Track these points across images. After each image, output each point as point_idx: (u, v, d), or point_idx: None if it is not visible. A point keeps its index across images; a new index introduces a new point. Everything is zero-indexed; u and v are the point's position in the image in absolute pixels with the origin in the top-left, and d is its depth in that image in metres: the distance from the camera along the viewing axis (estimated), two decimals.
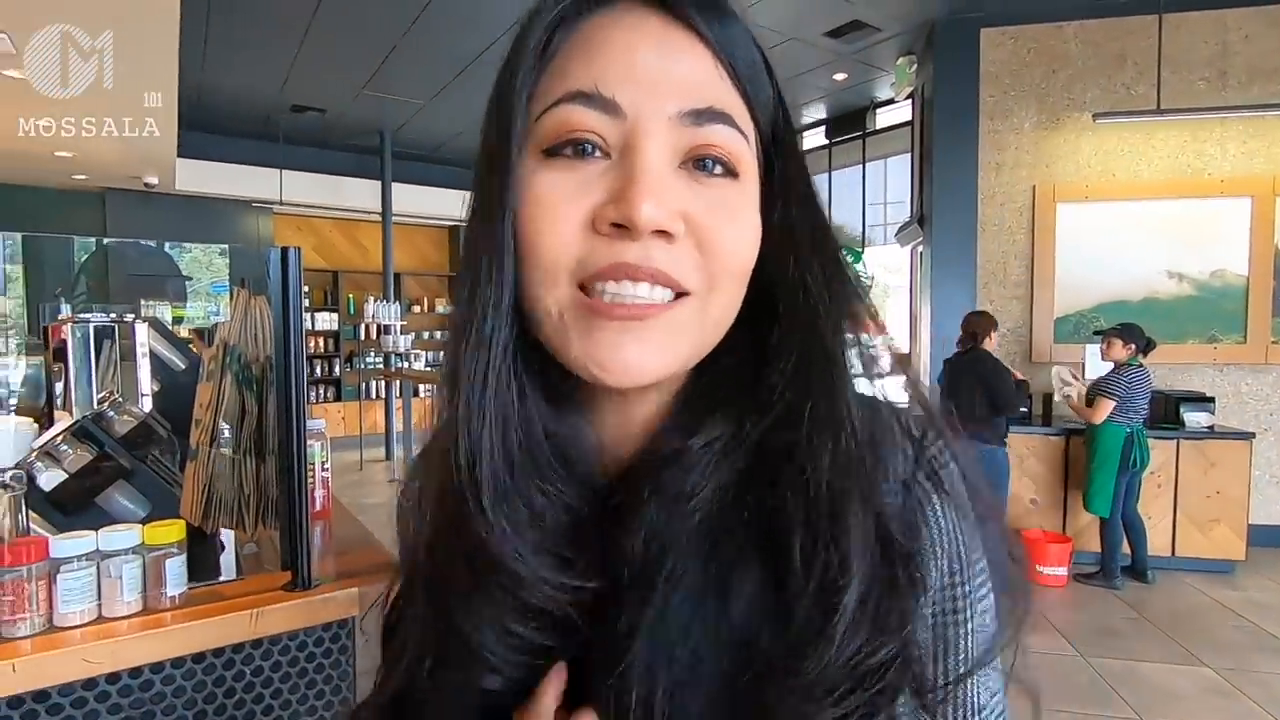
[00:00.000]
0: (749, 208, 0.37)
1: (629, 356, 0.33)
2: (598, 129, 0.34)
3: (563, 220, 0.34)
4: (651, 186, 0.33)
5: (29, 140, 5.25)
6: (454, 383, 0.37)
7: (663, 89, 0.34)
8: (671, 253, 0.34)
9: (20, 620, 0.81)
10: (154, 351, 1.58)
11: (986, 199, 4.78)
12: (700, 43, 0.35)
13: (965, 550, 0.36)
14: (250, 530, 1.04)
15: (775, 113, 0.38)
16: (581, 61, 0.35)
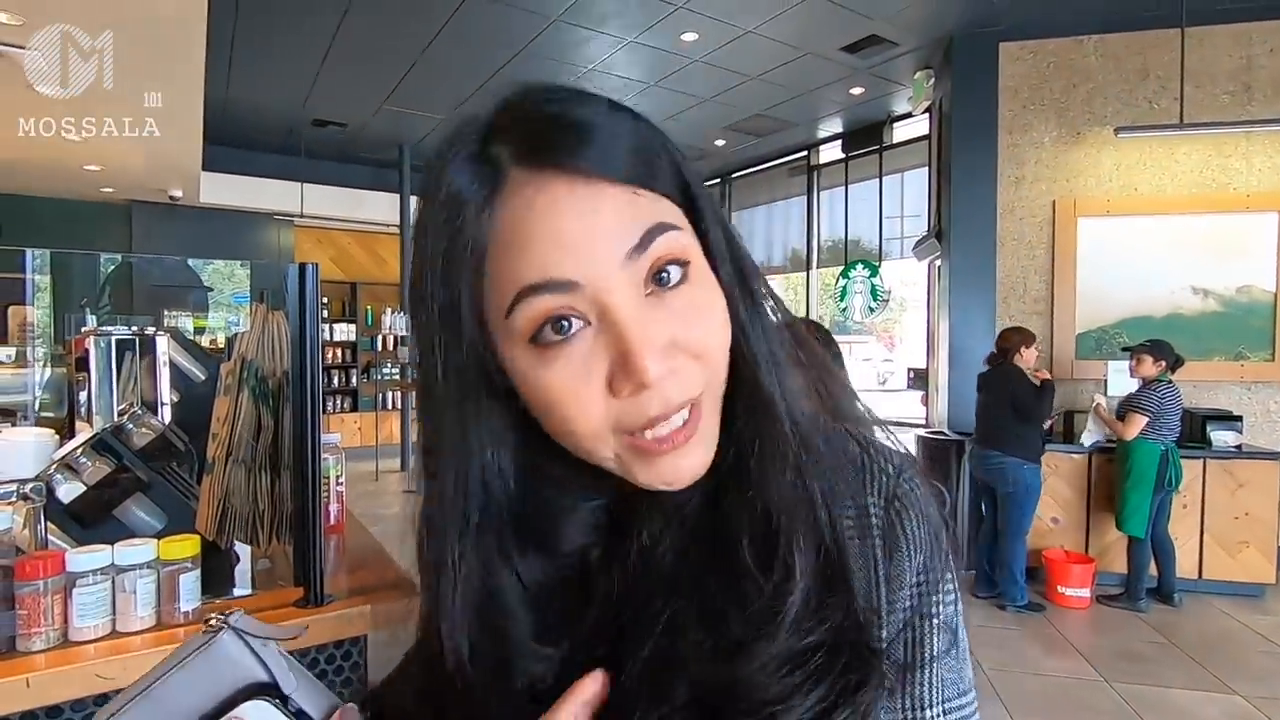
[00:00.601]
0: (709, 288, 0.39)
1: (688, 468, 0.38)
2: (567, 305, 0.36)
3: (590, 401, 0.37)
4: (643, 346, 0.35)
5: (59, 154, 5.39)
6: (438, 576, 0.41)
7: (600, 246, 0.36)
8: (679, 379, 0.37)
9: (35, 635, 0.81)
10: (174, 362, 1.60)
11: (1005, 213, 4.73)
12: (601, 181, 0.36)
13: (935, 559, 0.41)
14: (264, 545, 1.04)
15: (680, 177, 0.40)
16: (517, 257, 0.36)
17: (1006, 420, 3.74)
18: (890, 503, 0.42)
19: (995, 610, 3.83)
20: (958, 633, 0.42)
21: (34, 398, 2.24)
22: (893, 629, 0.40)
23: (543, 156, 0.36)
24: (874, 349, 21.78)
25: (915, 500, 0.42)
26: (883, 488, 0.43)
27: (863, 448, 0.44)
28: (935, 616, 0.41)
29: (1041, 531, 4.14)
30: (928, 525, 0.42)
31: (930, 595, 0.41)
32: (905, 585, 0.41)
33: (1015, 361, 3.80)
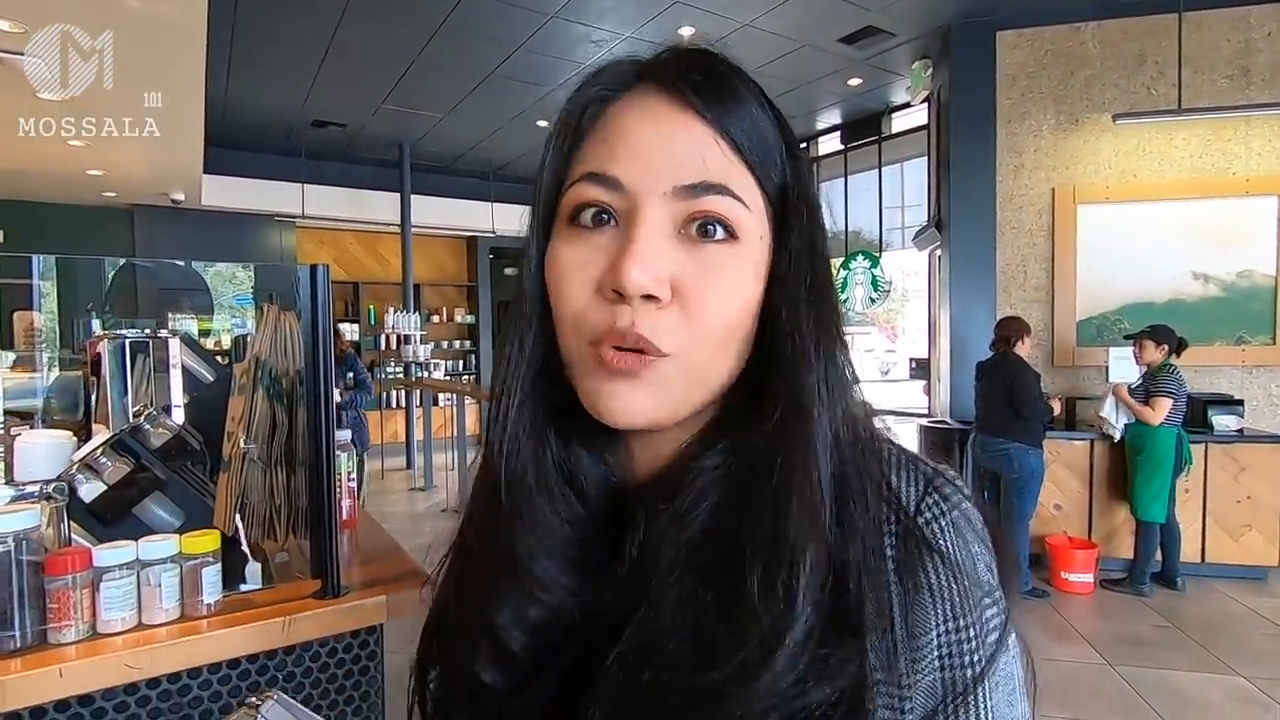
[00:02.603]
0: (743, 270, 0.39)
1: (623, 404, 0.38)
2: (607, 201, 0.39)
3: (576, 286, 0.39)
4: (640, 254, 0.37)
5: (62, 160, 5.41)
6: (495, 406, 0.43)
7: (657, 166, 0.38)
8: (655, 319, 0.37)
9: (66, 627, 0.84)
10: (184, 364, 1.62)
11: (1005, 202, 4.74)
12: (698, 120, 0.39)
13: (967, 604, 0.37)
14: (281, 540, 1.07)
15: (785, 174, 0.41)
16: (597, 145, 0.40)
17: (1007, 407, 3.76)
18: (908, 538, 0.38)
19: None
20: (1011, 668, 0.37)
21: (43, 401, 2.27)
22: (920, 685, 0.36)
23: (664, 79, 0.40)
24: (877, 340, 21.76)
25: (941, 533, 0.38)
26: (902, 518, 0.38)
27: (890, 466, 0.40)
28: (971, 666, 0.36)
29: (1044, 518, 4.16)
30: (958, 560, 0.37)
31: (963, 645, 0.36)
32: (929, 635, 0.36)
33: (1016, 350, 3.82)
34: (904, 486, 0.39)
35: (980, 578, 0.37)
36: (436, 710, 0.46)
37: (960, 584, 0.37)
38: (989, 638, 0.37)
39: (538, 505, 0.41)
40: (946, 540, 0.37)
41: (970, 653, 0.36)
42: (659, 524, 0.38)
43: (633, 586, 0.38)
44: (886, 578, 0.37)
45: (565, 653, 0.40)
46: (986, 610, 0.37)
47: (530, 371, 0.43)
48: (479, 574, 0.43)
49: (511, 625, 0.41)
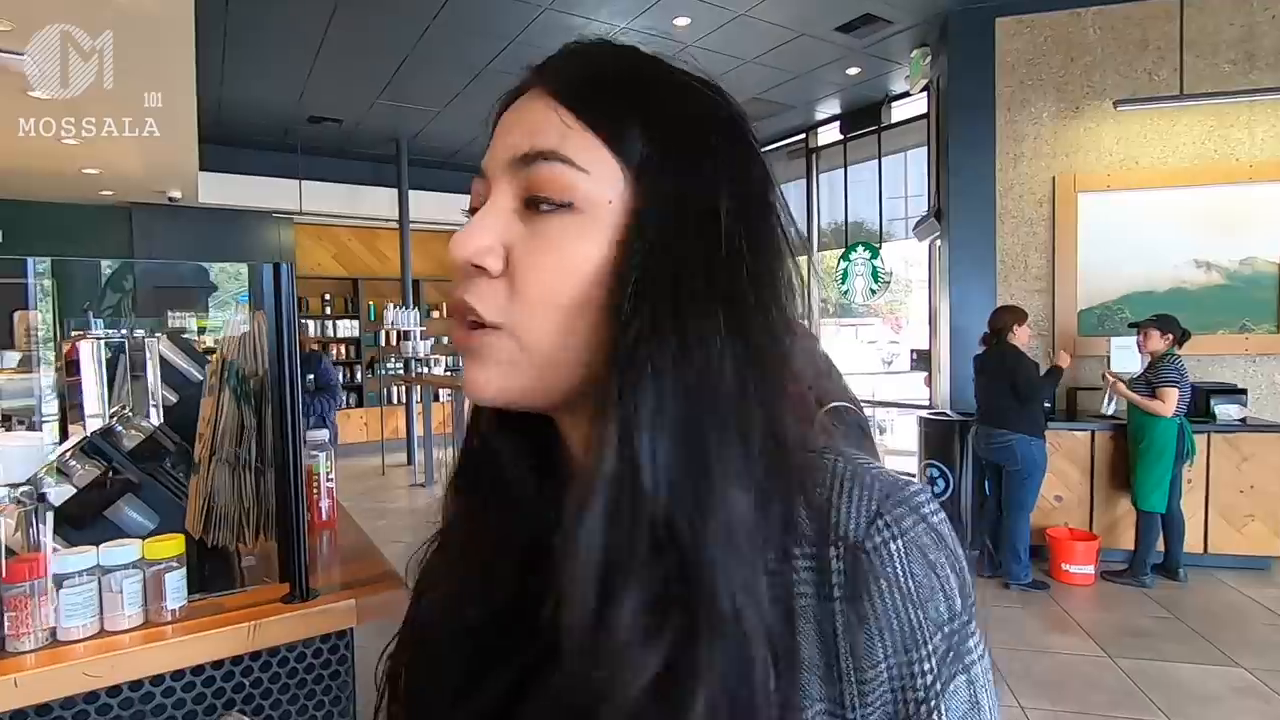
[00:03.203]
0: (581, 239, 0.36)
1: (469, 378, 0.39)
2: (480, 190, 0.40)
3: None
4: (467, 228, 0.38)
5: (58, 159, 5.41)
6: None
7: (503, 147, 0.39)
8: (482, 289, 0.38)
9: (24, 635, 0.83)
10: (173, 364, 1.61)
11: (1005, 191, 4.69)
12: (543, 96, 0.39)
13: (920, 633, 0.34)
14: (251, 543, 1.05)
15: (656, 134, 0.37)
16: None
17: (1007, 399, 3.74)
18: (855, 567, 0.34)
19: (999, 589, 3.83)
20: (978, 698, 0.35)
21: (39, 401, 2.27)
22: (868, 716, 0.34)
23: (539, 70, 0.41)
24: (880, 331, 21.77)
25: (892, 556, 0.34)
26: (849, 536, 0.34)
27: (843, 480, 0.36)
28: (933, 699, 0.33)
29: (1045, 510, 4.13)
30: (907, 590, 0.34)
31: (923, 689, 0.33)
32: (878, 669, 0.33)
33: (1009, 340, 3.79)
34: (855, 507, 0.35)
35: (939, 604, 0.34)
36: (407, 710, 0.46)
37: (913, 613, 0.33)
38: (951, 667, 0.34)
39: (499, 500, 0.43)
40: (897, 566, 0.34)
41: (926, 687, 0.33)
42: (569, 540, 0.35)
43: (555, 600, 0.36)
44: (832, 605, 0.34)
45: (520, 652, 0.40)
46: (951, 638, 0.34)
47: None
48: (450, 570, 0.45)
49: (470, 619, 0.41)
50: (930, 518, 0.35)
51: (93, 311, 3.82)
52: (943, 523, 0.36)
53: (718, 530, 0.32)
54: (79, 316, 3.94)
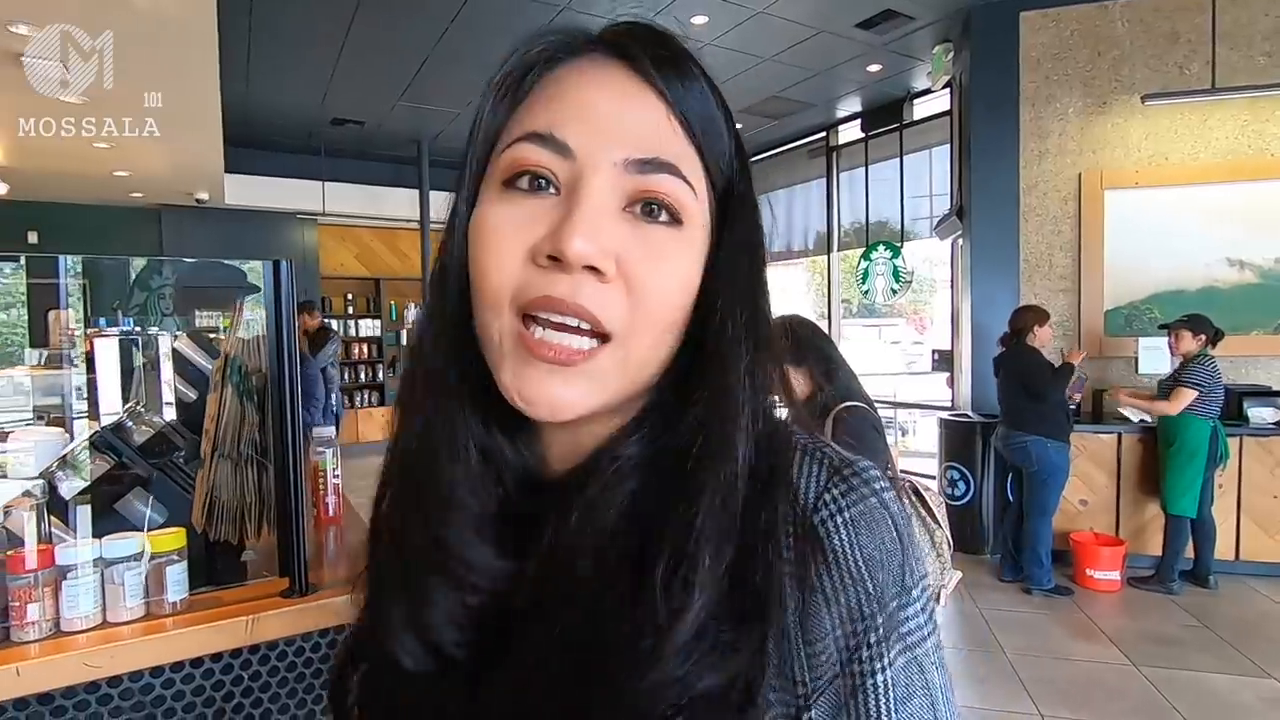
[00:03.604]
0: (686, 255, 0.38)
1: (553, 396, 0.36)
2: (550, 166, 0.36)
3: (507, 251, 0.36)
4: (586, 223, 0.34)
5: (89, 162, 5.55)
6: (409, 389, 0.41)
7: (612, 136, 0.36)
8: (600, 292, 0.35)
9: (28, 625, 0.85)
10: (193, 362, 1.64)
11: (1029, 188, 4.60)
12: (655, 96, 0.37)
13: (867, 605, 0.34)
14: (253, 537, 1.06)
15: (732, 167, 0.40)
16: (544, 105, 0.38)
17: (1024, 400, 3.67)
18: (803, 537, 0.35)
19: (1021, 594, 3.76)
20: (925, 671, 0.35)
21: (67, 398, 2.31)
22: (822, 690, 0.34)
23: (621, 47, 0.38)
24: (903, 331, 21.50)
25: (839, 529, 0.35)
26: (798, 512, 0.36)
27: (800, 454, 0.38)
28: (877, 674, 0.34)
29: (1069, 514, 4.04)
30: (854, 561, 0.34)
31: (867, 656, 0.34)
32: (825, 640, 0.34)
33: (1029, 341, 3.72)
34: (806, 480, 0.37)
35: (885, 579, 0.35)
36: (360, 708, 0.44)
37: (859, 586, 0.34)
38: (908, 637, 0.35)
39: (457, 490, 0.39)
40: (842, 538, 0.35)
41: (870, 659, 0.34)
42: (574, 516, 0.37)
43: (546, 577, 0.37)
44: (782, 579, 0.35)
45: (483, 640, 0.39)
46: (904, 606, 0.35)
47: (449, 349, 0.40)
48: (402, 562, 0.41)
49: (435, 609, 0.39)
50: (880, 493, 0.36)
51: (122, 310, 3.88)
52: (892, 500, 0.37)
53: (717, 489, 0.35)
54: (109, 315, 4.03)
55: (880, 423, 1.78)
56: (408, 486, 0.41)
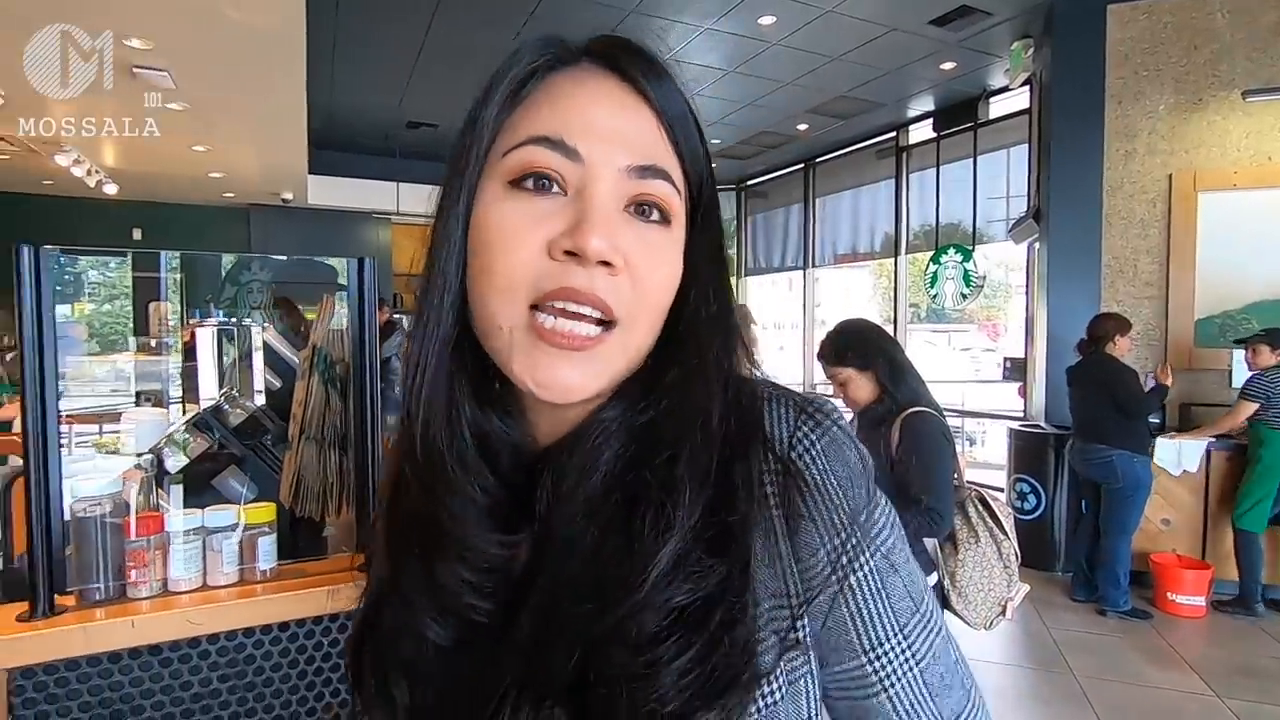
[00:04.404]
0: (674, 251, 0.42)
1: (565, 379, 0.39)
2: (559, 169, 0.40)
3: (524, 245, 0.39)
4: (601, 223, 0.38)
5: (189, 165, 5.96)
6: (411, 376, 0.43)
7: (615, 144, 0.40)
8: (611, 283, 0.39)
9: (141, 584, 0.94)
10: (278, 352, 1.76)
11: (1114, 190, 4.38)
12: (646, 106, 0.42)
13: (847, 521, 0.40)
14: (334, 515, 1.14)
15: (703, 168, 0.44)
16: (548, 110, 0.41)
17: (1107, 412, 3.50)
18: (785, 470, 0.41)
19: (1094, 615, 3.58)
20: (895, 564, 0.42)
21: (166, 382, 2.51)
22: (818, 598, 0.40)
23: (614, 60, 0.42)
24: (974, 338, 20.65)
25: (814, 460, 0.41)
26: (777, 452, 0.41)
27: (767, 403, 0.43)
28: (857, 570, 0.40)
29: (1151, 534, 3.83)
30: (831, 485, 0.40)
31: (847, 560, 0.40)
32: (816, 555, 0.40)
33: (1108, 350, 3.54)
34: (777, 424, 0.42)
35: (857, 491, 0.41)
36: (376, 681, 0.46)
37: (838, 503, 0.40)
38: (877, 539, 0.41)
39: (454, 474, 0.42)
40: (819, 466, 0.41)
41: (858, 556, 0.40)
42: (566, 478, 0.40)
43: (544, 539, 0.41)
44: (769, 511, 0.41)
45: (497, 607, 0.42)
46: (872, 515, 0.41)
47: (446, 337, 0.43)
48: (410, 546, 0.44)
49: (448, 580, 0.42)
50: (838, 423, 0.42)
51: (214, 303, 4.17)
52: (846, 425, 0.43)
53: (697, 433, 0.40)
54: (202, 307, 4.32)
55: (949, 429, 1.75)
56: (413, 469, 0.44)
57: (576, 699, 0.37)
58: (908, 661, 0.41)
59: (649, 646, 0.36)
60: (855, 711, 0.42)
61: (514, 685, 0.39)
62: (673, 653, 0.36)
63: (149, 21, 3.18)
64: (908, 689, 0.42)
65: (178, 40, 3.40)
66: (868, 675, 0.41)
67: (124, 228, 7.27)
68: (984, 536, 1.64)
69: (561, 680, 0.38)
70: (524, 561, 0.42)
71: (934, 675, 0.42)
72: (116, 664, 0.88)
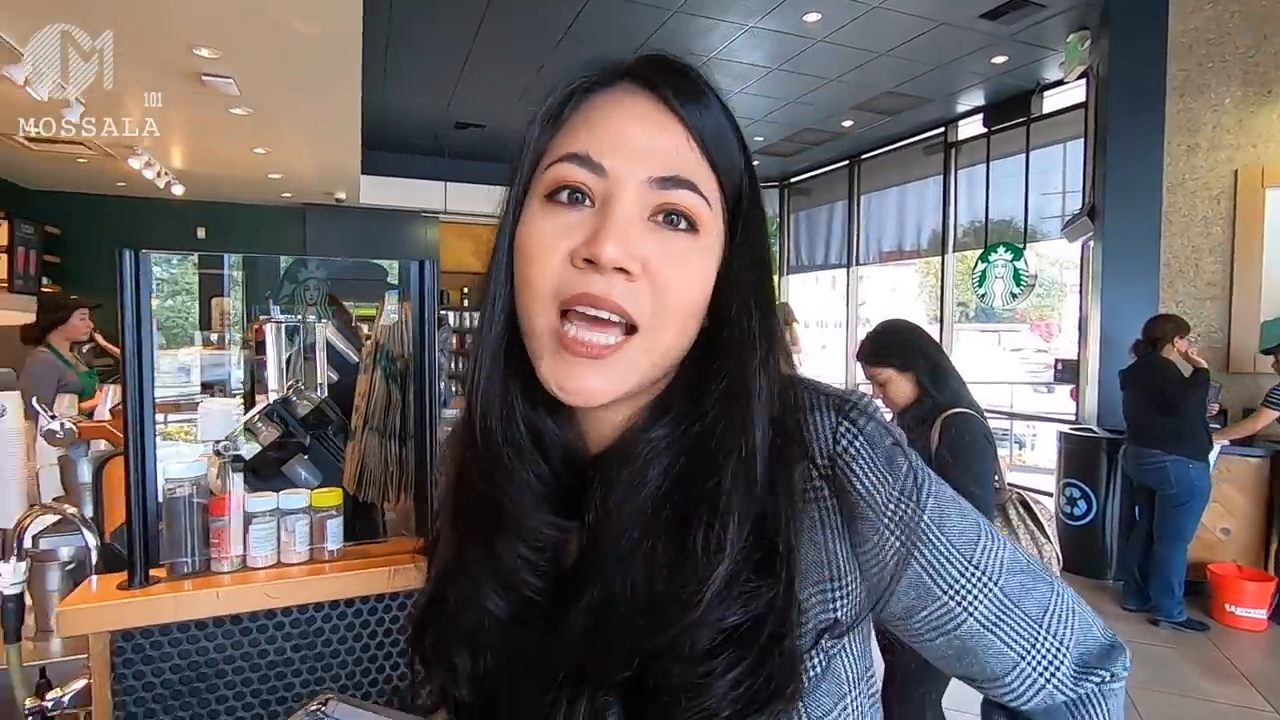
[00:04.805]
0: (703, 259, 0.44)
1: (586, 385, 0.42)
2: (586, 182, 0.43)
3: (549, 254, 0.43)
4: (617, 232, 0.41)
5: (250, 166, 6.22)
6: (472, 371, 0.48)
7: (640, 158, 0.43)
8: (629, 289, 0.42)
9: (224, 559, 1.03)
10: (335, 347, 1.86)
11: (1175, 186, 4.23)
12: (676, 122, 0.44)
13: (901, 496, 0.43)
14: (394, 500, 1.22)
15: (742, 180, 0.46)
16: (583, 130, 0.44)
17: (1159, 415, 3.39)
18: (833, 466, 0.44)
19: (1146, 625, 3.49)
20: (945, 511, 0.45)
21: (229, 374, 2.65)
22: (881, 571, 0.44)
23: (649, 79, 0.45)
24: (1025, 338, 20.00)
25: (858, 454, 0.44)
26: (822, 450, 0.44)
27: (806, 407, 0.45)
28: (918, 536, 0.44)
29: (1209, 543, 3.70)
30: (878, 473, 0.43)
31: (904, 531, 0.43)
32: (878, 533, 0.43)
33: (1165, 353, 3.43)
34: (820, 427, 0.44)
35: (901, 466, 0.44)
36: (439, 651, 0.50)
37: (886, 484, 0.43)
38: (925, 501, 0.44)
39: (511, 463, 0.46)
40: (864, 458, 0.44)
41: (914, 523, 0.44)
42: (615, 492, 0.44)
43: (595, 545, 0.44)
44: (819, 507, 0.44)
45: (553, 588, 0.46)
46: (915, 482, 0.44)
47: (501, 338, 0.47)
48: (473, 526, 0.48)
49: (507, 559, 0.46)
50: (875, 415, 0.45)
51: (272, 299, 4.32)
52: (881, 414, 0.46)
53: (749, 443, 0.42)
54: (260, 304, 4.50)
55: (990, 431, 1.74)
56: (474, 458, 0.47)
57: (629, 695, 0.41)
58: (983, 583, 0.45)
59: (704, 659, 0.39)
60: (952, 643, 0.46)
61: (570, 677, 0.42)
62: (725, 666, 0.39)
63: (219, 32, 3.35)
64: (991, 604, 0.45)
65: (244, 49, 3.57)
66: (952, 609, 0.45)
67: (189, 226, 7.64)
68: (1024, 539, 1.63)
69: (614, 679, 0.41)
70: (574, 556, 0.46)
71: (1013, 584, 0.46)
72: (203, 631, 0.97)
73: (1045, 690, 0.47)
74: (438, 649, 0.50)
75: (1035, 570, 0.48)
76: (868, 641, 0.49)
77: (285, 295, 2.57)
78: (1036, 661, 0.46)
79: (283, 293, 2.74)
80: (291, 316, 1.67)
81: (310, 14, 3.21)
